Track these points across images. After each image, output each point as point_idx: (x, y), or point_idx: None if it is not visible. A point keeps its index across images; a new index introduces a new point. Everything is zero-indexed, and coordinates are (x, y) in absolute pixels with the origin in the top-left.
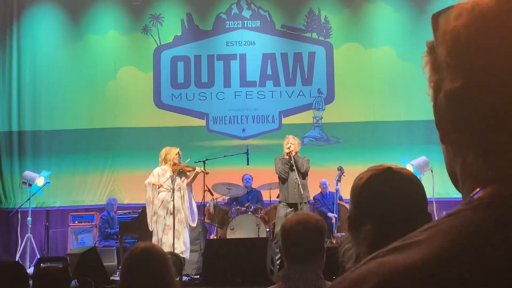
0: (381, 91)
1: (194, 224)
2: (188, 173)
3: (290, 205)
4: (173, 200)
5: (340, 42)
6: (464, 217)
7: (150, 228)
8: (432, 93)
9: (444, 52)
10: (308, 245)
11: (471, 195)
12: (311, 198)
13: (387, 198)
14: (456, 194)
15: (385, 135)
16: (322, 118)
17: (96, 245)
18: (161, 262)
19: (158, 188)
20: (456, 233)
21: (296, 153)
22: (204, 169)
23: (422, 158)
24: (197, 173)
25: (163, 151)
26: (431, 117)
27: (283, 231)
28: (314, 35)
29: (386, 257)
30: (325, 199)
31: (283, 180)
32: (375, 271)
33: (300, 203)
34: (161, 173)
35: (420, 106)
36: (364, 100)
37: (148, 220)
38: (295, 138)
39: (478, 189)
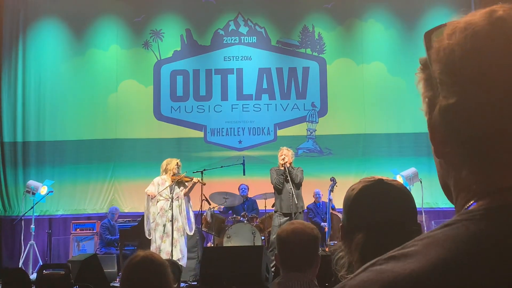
0: (372, 105)
1: (191, 233)
2: (186, 183)
3: (285, 214)
4: (171, 209)
5: (333, 58)
6: (460, 228)
7: (147, 236)
8: (426, 109)
9: (438, 69)
10: (304, 254)
11: (466, 206)
12: (305, 208)
13: (378, 208)
14: (444, 204)
15: (376, 147)
16: (315, 130)
17: (97, 252)
18: (160, 271)
19: (152, 198)
20: (452, 244)
21: (290, 164)
22: (201, 179)
23: (412, 170)
24: (194, 183)
25: (165, 162)
26: (420, 130)
27: (279, 239)
28: (308, 51)
29: (384, 265)
30: (318, 208)
31: (278, 191)
32: (374, 279)
33: (295, 213)
34: (160, 182)
35: (409, 119)
36: (356, 113)
37: (145, 229)
38: (288, 149)
39: (472, 202)
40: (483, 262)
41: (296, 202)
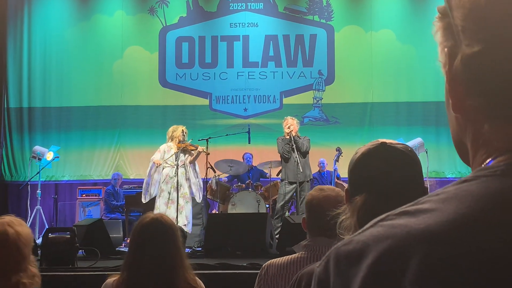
0: (380, 73)
1: (199, 200)
2: (191, 151)
3: (291, 183)
4: (177, 176)
5: (341, 25)
6: (480, 184)
7: (143, 201)
8: (445, 60)
9: (461, 15)
10: (334, 221)
11: (485, 163)
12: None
13: (383, 171)
14: (451, 174)
15: (383, 116)
16: (322, 98)
17: (102, 217)
18: (169, 232)
19: (157, 166)
20: (471, 199)
21: (296, 133)
22: (205, 149)
23: (418, 140)
24: (199, 153)
25: (170, 129)
26: (429, 99)
27: (310, 206)
28: (316, 18)
29: (396, 220)
30: (323, 177)
31: (285, 159)
32: (385, 234)
33: (302, 182)
34: (166, 149)
35: (418, 88)
36: (363, 81)
37: (142, 193)
38: (293, 118)
39: (492, 158)
40: (504, 219)
41: (302, 171)
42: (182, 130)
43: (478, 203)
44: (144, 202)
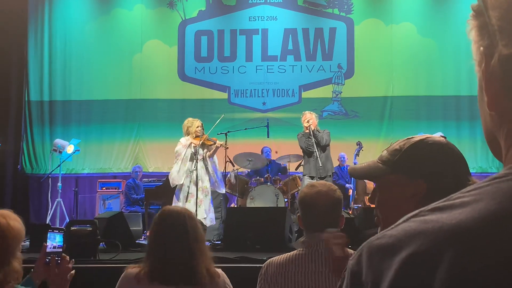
0: (401, 67)
1: (223, 191)
2: (210, 146)
3: (312, 178)
4: (196, 170)
5: (361, 18)
6: (511, 181)
7: (171, 183)
8: (479, 58)
9: (497, 15)
10: (328, 216)
11: None
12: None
13: (436, 164)
14: (471, 169)
15: (403, 110)
16: (341, 92)
17: (122, 210)
18: (191, 221)
19: (195, 146)
20: (503, 196)
21: (315, 127)
22: (224, 143)
23: (438, 134)
24: (217, 147)
25: (185, 123)
26: (449, 93)
27: (303, 203)
28: (336, 11)
29: (428, 215)
30: (343, 172)
31: (309, 154)
32: (417, 229)
33: (324, 177)
34: (187, 143)
35: (439, 82)
36: (383, 75)
37: (174, 175)
38: (311, 113)
39: None
40: None
41: (321, 165)
42: (199, 125)
43: (508, 201)
44: (172, 186)
